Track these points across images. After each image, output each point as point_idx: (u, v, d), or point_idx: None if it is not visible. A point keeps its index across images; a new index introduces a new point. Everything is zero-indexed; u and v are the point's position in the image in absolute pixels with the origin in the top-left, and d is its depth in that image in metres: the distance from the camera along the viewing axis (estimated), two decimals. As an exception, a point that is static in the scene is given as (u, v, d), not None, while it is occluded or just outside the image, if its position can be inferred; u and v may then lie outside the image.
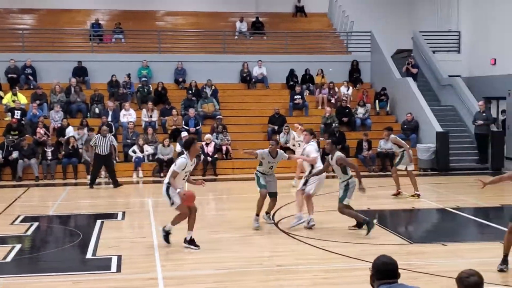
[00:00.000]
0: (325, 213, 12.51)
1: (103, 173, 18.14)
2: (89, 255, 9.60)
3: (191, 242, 9.71)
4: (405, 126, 21.13)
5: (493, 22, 22.79)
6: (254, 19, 27.20)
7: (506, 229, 8.56)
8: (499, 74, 22.28)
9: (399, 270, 4.38)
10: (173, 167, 9.56)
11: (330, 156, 11.08)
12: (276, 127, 20.91)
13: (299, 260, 9.08)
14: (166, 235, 9.88)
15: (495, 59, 22.70)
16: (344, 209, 10.88)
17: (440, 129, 19.98)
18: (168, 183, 9.53)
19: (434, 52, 24.57)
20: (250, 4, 27.97)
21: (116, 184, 17.06)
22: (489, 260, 8.64)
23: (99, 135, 17.14)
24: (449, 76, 23.12)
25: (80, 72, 23.05)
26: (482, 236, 11.30)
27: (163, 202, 12.55)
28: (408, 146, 14.95)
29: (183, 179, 9.71)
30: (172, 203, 9.64)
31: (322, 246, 9.83)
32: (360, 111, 21.97)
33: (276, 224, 11.61)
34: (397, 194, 14.72)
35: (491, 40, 22.90)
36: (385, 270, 4.39)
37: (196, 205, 9.87)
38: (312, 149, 11.60)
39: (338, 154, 10.92)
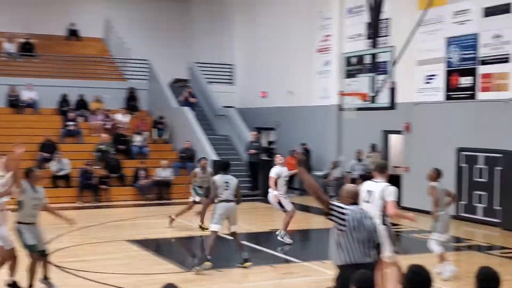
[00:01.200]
0: (98, 244, 12.10)
1: None
2: None
3: None
4: (182, 154, 21.44)
5: (263, 58, 24.27)
6: (23, 40, 25.74)
7: (275, 253, 8.99)
8: (268, 106, 23.73)
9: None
10: None
11: None
12: (47, 155, 19.86)
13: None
14: None
15: (265, 92, 24.16)
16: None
17: (215, 157, 20.60)
18: None
19: (209, 82, 25.42)
20: (19, 24, 26.40)
21: None
22: (261, 283, 8.99)
23: None
24: (224, 106, 24.05)
25: None
26: (254, 261, 11.74)
27: None
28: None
29: None
30: None
31: (97, 278, 9.46)
32: (138, 139, 21.83)
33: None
34: None
35: (262, 74, 24.35)
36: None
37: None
38: None
39: None
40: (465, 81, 15.85)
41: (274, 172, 12.71)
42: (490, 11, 15.15)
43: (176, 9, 29.17)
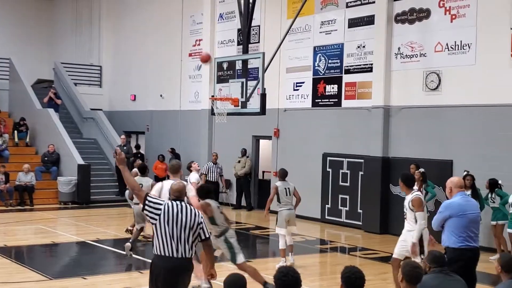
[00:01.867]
0: None
1: None
2: None
3: None
4: (46, 158, 20.52)
5: (133, 61, 23.85)
6: None
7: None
8: (138, 109, 23.34)
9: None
10: None
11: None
12: None
13: None
14: None
15: (135, 95, 23.73)
16: None
17: (81, 162, 19.92)
18: None
19: (76, 84, 24.56)
20: None
21: None
22: None
23: None
24: (91, 109, 23.33)
25: None
26: (121, 266, 11.47)
27: None
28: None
29: None
30: None
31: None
32: (-3, 141, 20.61)
33: None
34: None
35: (132, 76, 23.91)
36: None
37: None
38: None
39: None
40: (331, 89, 16.48)
41: (195, 178, 12.43)
42: (354, 22, 15.87)
43: (40, 5, 27.97)
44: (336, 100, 16.35)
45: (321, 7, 16.73)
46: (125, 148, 20.52)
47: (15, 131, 21.71)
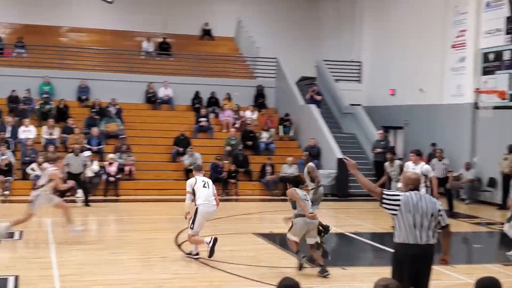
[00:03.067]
0: (226, 236, 12.53)
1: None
2: (-17, 276, 9.12)
3: None
4: (308, 152, 21.57)
5: (393, 55, 23.86)
6: (161, 39, 27.09)
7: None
8: (397, 104, 23.30)
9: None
10: None
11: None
12: (181, 149, 20.80)
13: (201, 283, 9.02)
14: None
15: (394, 90, 23.73)
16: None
17: (340, 156, 20.55)
18: None
19: (336, 80, 25.38)
20: (157, 24, 27.82)
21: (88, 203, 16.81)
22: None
23: (72, 154, 17.03)
24: (350, 104, 23.92)
25: (-23, 85, 22.04)
26: (378, 260, 11.66)
27: (62, 222, 12.14)
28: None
29: None
30: None
31: (224, 268, 9.82)
32: (264, 135, 22.28)
33: (179, 246, 11.49)
34: None
35: (390, 71, 23.95)
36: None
37: (97, 226, 9.58)
38: None
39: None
40: None
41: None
42: None
43: (304, 7, 29.36)
44: None
45: None
46: (382, 143, 20.66)
47: (281, 126, 23.25)
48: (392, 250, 6.44)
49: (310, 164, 12.99)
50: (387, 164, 14.24)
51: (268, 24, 28.83)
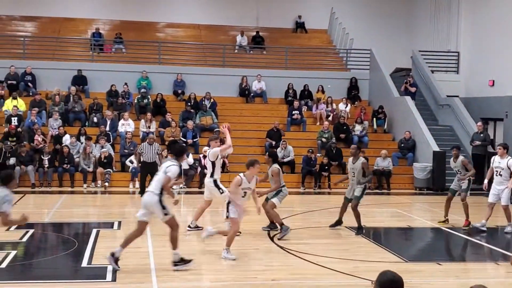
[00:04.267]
0: (319, 229, 12.51)
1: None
2: (84, 263, 9.57)
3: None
4: (402, 145, 21.21)
5: (492, 44, 22.94)
6: (254, 33, 27.35)
7: (500, 250, 8.59)
8: (497, 95, 22.39)
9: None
10: (165, 175, 9.01)
11: (352, 160, 12.35)
12: (273, 142, 20.95)
13: (293, 275, 9.08)
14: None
15: (493, 80, 22.82)
16: (356, 208, 12.06)
17: (437, 149, 20.04)
18: (161, 193, 8.93)
19: (432, 71, 24.70)
20: (251, 18, 28.14)
21: None
22: (485, 280, 8.65)
23: (145, 142, 17.41)
24: (447, 96, 23.23)
25: (79, 80, 23.11)
26: (476, 256, 11.31)
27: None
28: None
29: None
30: (166, 214, 8.92)
31: (317, 261, 9.83)
32: (358, 128, 22.04)
33: (271, 239, 11.61)
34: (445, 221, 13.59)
35: (490, 61, 23.04)
36: (390, 287, 4.28)
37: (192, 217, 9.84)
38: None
39: (362, 159, 12.42)
40: None
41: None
42: None
43: (399, -3, 28.78)
44: None
45: None
46: (481, 135, 19.96)
47: (374, 119, 22.91)
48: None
49: (363, 160, 12.52)
50: (451, 160, 13.71)
51: (362, 15, 28.48)
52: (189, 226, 12.17)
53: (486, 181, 13.01)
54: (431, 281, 8.97)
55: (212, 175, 11.95)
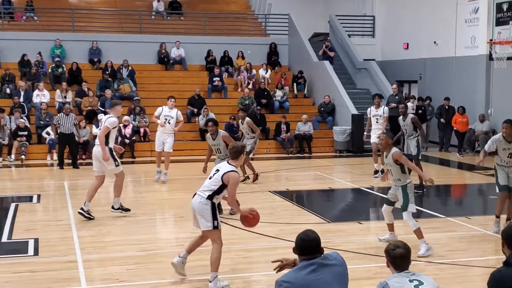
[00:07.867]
0: (243, 194, 12.60)
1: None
2: (4, 238, 9.28)
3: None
4: (322, 109, 21.54)
5: (406, 8, 23.51)
6: (171, -1, 26.83)
7: (420, 208, 8.87)
8: (411, 58, 23.06)
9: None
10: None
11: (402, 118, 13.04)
12: (195, 110, 20.80)
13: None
14: None
15: (407, 44, 23.45)
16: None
17: (355, 112, 20.48)
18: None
19: (349, 36, 25.09)
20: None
21: (76, 165, 16.85)
22: (404, 237, 8.98)
23: (62, 113, 16.94)
24: (364, 60, 23.70)
25: (-11, 50, 22.06)
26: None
27: (81, 185, 12.26)
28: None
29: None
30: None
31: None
32: (279, 93, 22.18)
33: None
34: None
35: (404, 25, 23.63)
36: (302, 246, 4.40)
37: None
38: None
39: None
40: None
41: None
42: None
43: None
44: None
45: None
46: (396, 97, 20.50)
47: (294, 84, 23.12)
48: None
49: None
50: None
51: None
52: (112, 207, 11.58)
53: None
54: (353, 239, 9.23)
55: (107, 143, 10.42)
